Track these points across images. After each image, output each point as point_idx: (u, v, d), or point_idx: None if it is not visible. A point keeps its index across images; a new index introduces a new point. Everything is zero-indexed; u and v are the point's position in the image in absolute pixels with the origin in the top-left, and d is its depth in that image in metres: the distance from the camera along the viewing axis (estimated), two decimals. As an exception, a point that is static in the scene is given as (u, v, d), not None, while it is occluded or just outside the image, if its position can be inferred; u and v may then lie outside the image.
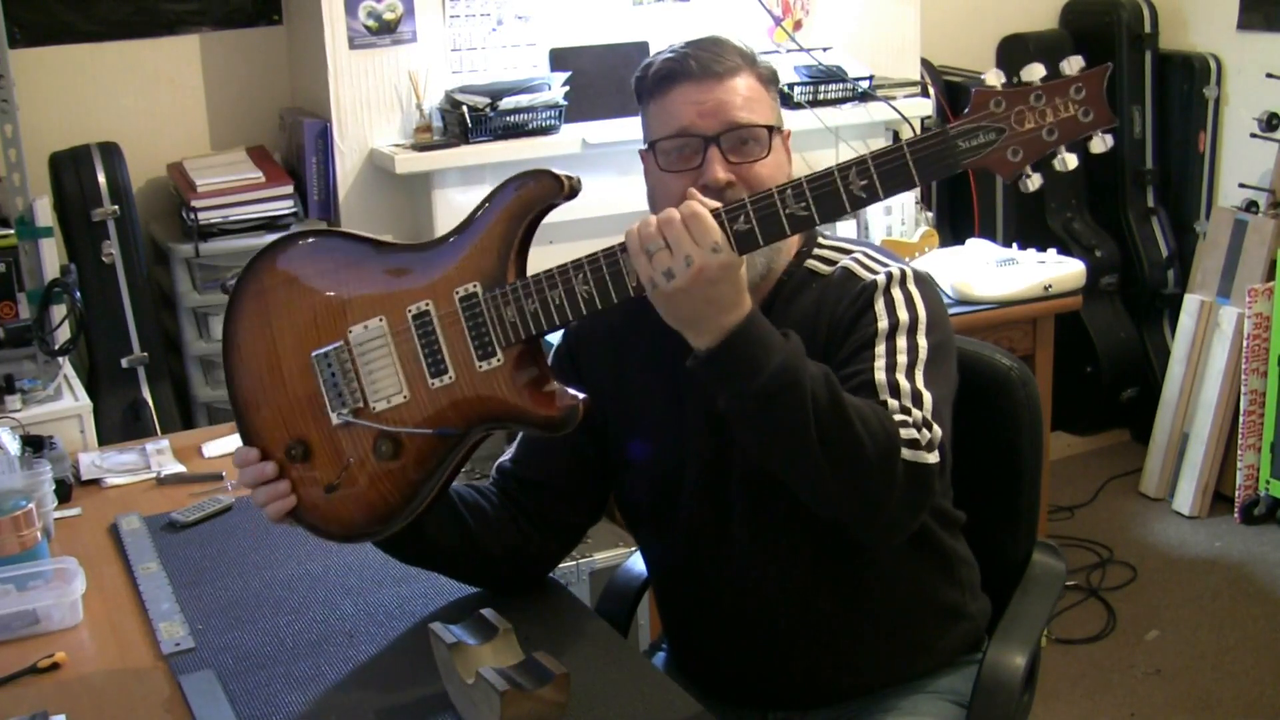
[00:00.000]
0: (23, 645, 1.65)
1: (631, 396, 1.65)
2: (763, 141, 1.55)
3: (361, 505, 1.53)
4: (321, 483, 1.54)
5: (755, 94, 1.57)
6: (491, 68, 3.24)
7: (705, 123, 1.54)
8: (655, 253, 1.34)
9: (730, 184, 1.53)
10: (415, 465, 1.50)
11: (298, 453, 1.54)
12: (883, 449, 1.38)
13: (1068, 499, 3.93)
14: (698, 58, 1.56)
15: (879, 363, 1.49)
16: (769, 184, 1.52)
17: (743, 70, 1.57)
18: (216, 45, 3.30)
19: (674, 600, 1.79)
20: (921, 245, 3.24)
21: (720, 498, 1.62)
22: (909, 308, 1.54)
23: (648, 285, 1.35)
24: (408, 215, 3.26)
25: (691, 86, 1.55)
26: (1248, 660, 3.10)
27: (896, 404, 1.45)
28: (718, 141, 1.54)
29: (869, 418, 1.38)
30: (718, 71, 1.55)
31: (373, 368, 1.51)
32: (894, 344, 1.51)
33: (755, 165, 1.55)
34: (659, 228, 1.34)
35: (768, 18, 3.50)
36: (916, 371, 1.49)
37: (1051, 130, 1.30)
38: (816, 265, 1.62)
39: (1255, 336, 3.62)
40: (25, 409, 2.54)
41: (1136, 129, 4.18)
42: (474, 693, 1.36)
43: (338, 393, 1.52)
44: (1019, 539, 1.84)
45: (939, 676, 1.70)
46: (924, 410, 1.46)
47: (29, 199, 2.73)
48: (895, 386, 1.47)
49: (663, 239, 1.33)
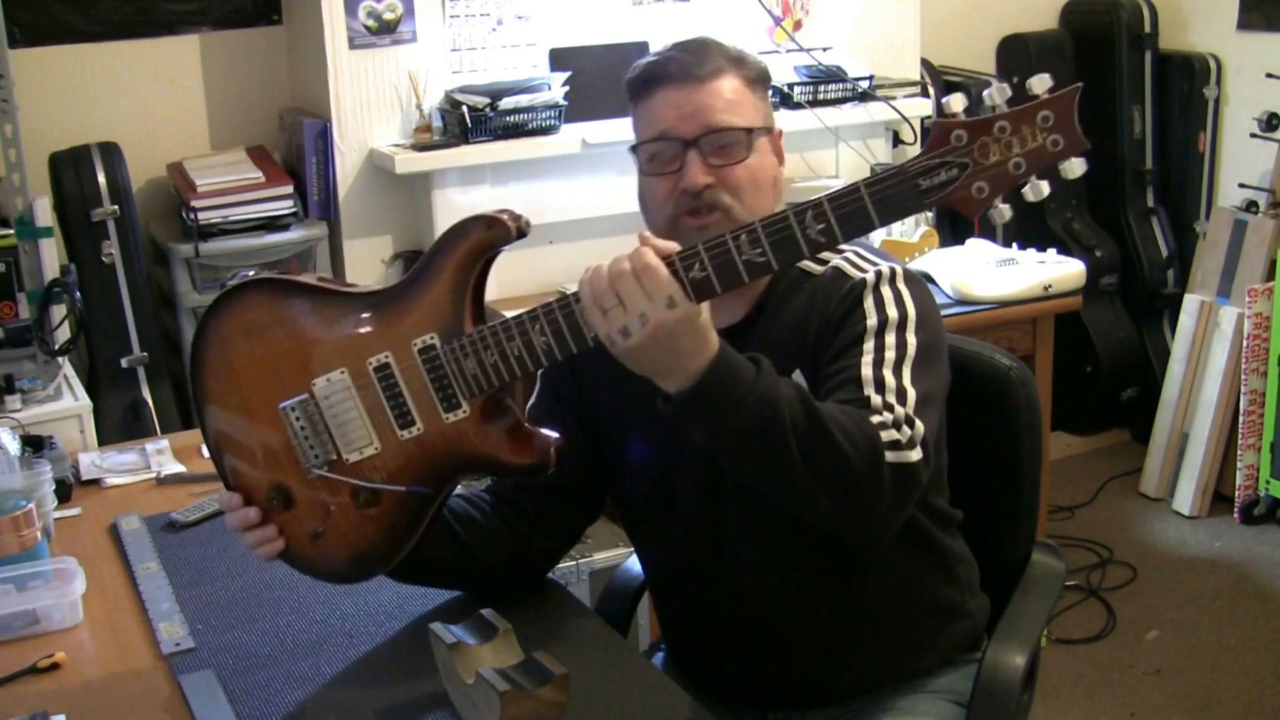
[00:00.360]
0: (23, 645, 1.65)
1: (627, 397, 1.64)
2: (743, 143, 1.55)
3: (349, 550, 1.53)
4: (306, 528, 1.54)
5: (738, 96, 1.56)
6: (491, 68, 3.23)
7: (684, 126, 1.55)
8: (609, 309, 1.29)
9: (709, 186, 1.53)
10: (397, 511, 1.50)
11: (278, 501, 1.54)
12: (866, 457, 1.37)
13: (1068, 499, 3.93)
14: (679, 60, 1.56)
15: (866, 358, 1.48)
16: (750, 186, 1.55)
17: (725, 72, 1.57)
18: (216, 45, 3.30)
19: (672, 601, 1.79)
20: (921, 245, 3.24)
21: (717, 498, 1.62)
22: (898, 305, 1.53)
23: (605, 342, 1.32)
24: (408, 215, 3.26)
25: (672, 90, 1.56)
26: (1248, 660, 3.10)
27: (880, 399, 1.44)
28: (697, 144, 1.54)
29: (849, 428, 1.37)
30: (698, 75, 1.55)
31: (341, 419, 1.49)
32: (882, 340, 1.50)
33: (735, 168, 1.55)
34: (610, 282, 1.29)
35: (768, 18, 3.50)
36: (904, 368, 1.48)
37: (1019, 164, 1.22)
38: (808, 265, 1.61)
39: (1255, 336, 3.62)
40: (25, 409, 2.54)
41: (1136, 129, 4.18)
42: (474, 693, 1.36)
43: (309, 445, 1.51)
44: (1019, 539, 1.83)
45: (938, 675, 1.70)
46: (906, 407, 1.44)
47: (29, 199, 2.73)
48: (880, 381, 1.46)
49: (615, 295, 1.29)
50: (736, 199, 1.55)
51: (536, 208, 3.25)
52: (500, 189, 3.20)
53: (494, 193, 3.19)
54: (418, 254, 3.25)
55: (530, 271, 3.29)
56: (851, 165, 3.54)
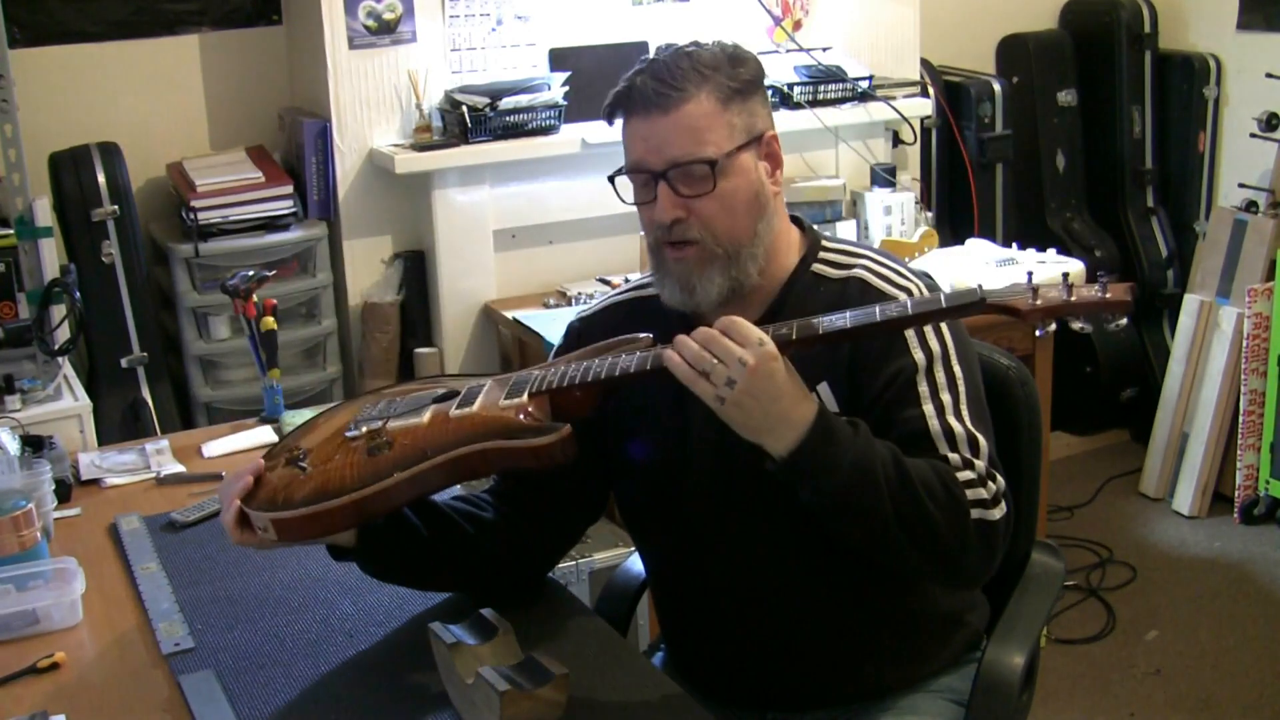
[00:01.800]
0: (22, 645, 1.65)
1: (634, 396, 1.64)
2: (708, 175, 1.53)
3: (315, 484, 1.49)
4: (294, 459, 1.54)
5: (706, 121, 1.52)
6: (491, 68, 3.24)
7: (652, 158, 1.54)
8: (711, 371, 1.37)
9: (678, 221, 1.54)
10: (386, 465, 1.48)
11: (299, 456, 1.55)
12: (953, 517, 1.44)
13: (1067, 499, 3.93)
14: (642, 91, 1.53)
15: (927, 407, 1.52)
16: (724, 214, 1.54)
17: (692, 97, 1.52)
18: (216, 45, 3.31)
19: (673, 601, 1.79)
20: (921, 245, 3.24)
21: (722, 499, 1.61)
22: (937, 334, 1.55)
23: (714, 404, 1.38)
24: (407, 215, 3.26)
25: (639, 120, 1.55)
26: (1247, 660, 3.10)
27: (958, 457, 1.49)
28: (665, 177, 1.53)
29: (936, 488, 1.43)
30: (662, 105, 1.52)
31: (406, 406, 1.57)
32: (934, 381, 1.53)
33: (705, 199, 1.53)
34: (704, 346, 1.38)
35: (768, 18, 3.50)
36: (963, 409, 1.53)
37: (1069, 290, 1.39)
38: (823, 269, 1.62)
39: (1255, 336, 3.62)
40: (25, 409, 2.54)
41: (1136, 129, 4.19)
42: (474, 693, 1.36)
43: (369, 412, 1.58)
44: (1018, 538, 1.82)
45: (938, 675, 1.70)
46: (982, 458, 1.50)
47: (29, 199, 2.73)
48: (950, 434, 1.51)
49: (711, 357, 1.37)
50: (708, 230, 1.54)
51: (536, 208, 3.26)
52: (500, 189, 3.20)
53: (494, 192, 3.20)
54: (418, 254, 3.26)
55: (530, 271, 3.29)
56: (851, 165, 3.55)
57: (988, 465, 1.50)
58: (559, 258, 3.32)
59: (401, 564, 1.61)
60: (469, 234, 3.20)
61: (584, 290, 3.19)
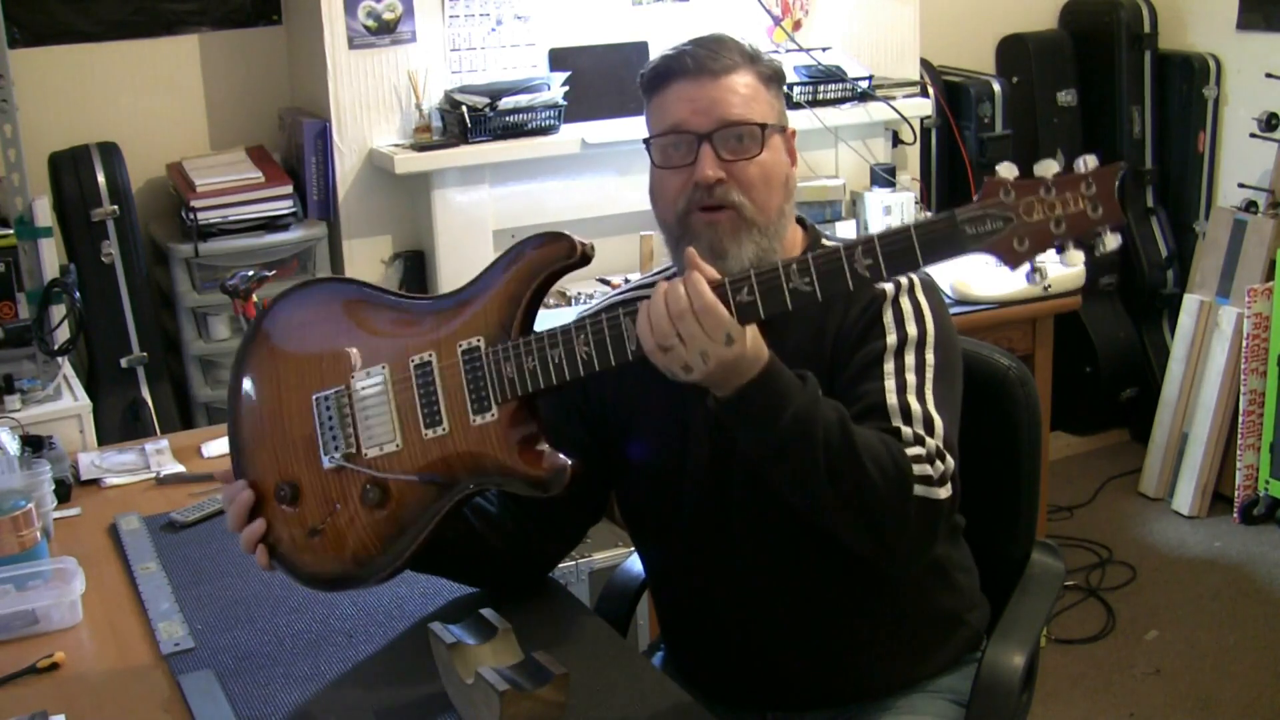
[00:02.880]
0: (22, 645, 1.65)
1: (633, 397, 1.65)
2: (756, 139, 1.55)
3: (341, 552, 1.53)
4: (306, 525, 1.55)
5: (752, 92, 1.56)
6: (491, 68, 3.23)
7: (698, 120, 1.54)
8: (670, 348, 1.34)
9: (720, 181, 1.54)
10: (399, 515, 1.50)
11: (286, 494, 1.55)
12: (895, 489, 1.41)
13: (1067, 499, 3.93)
14: (694, 55, 1.56)
15: (889, 383, 1.51)
16: (762, 183, 1.55)
17: (740, 68, 1.56)
18: (216, 45, 3.30)
19: (673, 601, 1.79)
20: (921, 245, 3.23)
21: (721, 499, 1.62)
22: (918, 321, 1.55)
23: (666, 373, 1.36)
24: (407, 215, 3.26)
25: (687, 84, 1.56)
26: (1248, 660, 3.10)
27: (910, 431, 1.47)
28: (710, 138, 1.54)
29: (882, 457, 1.40)
30: (713, 69, 1.55)
31: (370, 414, 1.52)
32: (903, 361, 1.52)
33: (748, 163, 1.54)
34: (672, 321, 1.33)
35: (767, 18, 3.50)
36: (926, 391, 1.51)
37: (1059, 223, 1.29)
38: None
39: (1254, 336, 3.62)
40: (25, 409, 2.54)
41: (1136, 129, 4.19)
42: (474, 693, 1.36)
43: (332, 436, 1.54)
44: (1017, 538, 1.84)
45: (937, 675, 1.70)
46: (936, 438, 1.47)
47: (28, 199, 2.73)
48: (906, 410, 1.49)
49: (677, 334, 1.33)
50: (747, 196, 1.55)
51: (536, 208, 3.25)
52: (500, 189, 3.20)
53: (494, 192, 3.19)
54: (418, 254, 3.25)
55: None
56: (851, 165, 3.54)
57: (940, 445, 1.47)
58: (559, 258, 3.31)
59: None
60: (469, 234, 3.19)
61: (584, 290, 3.19)
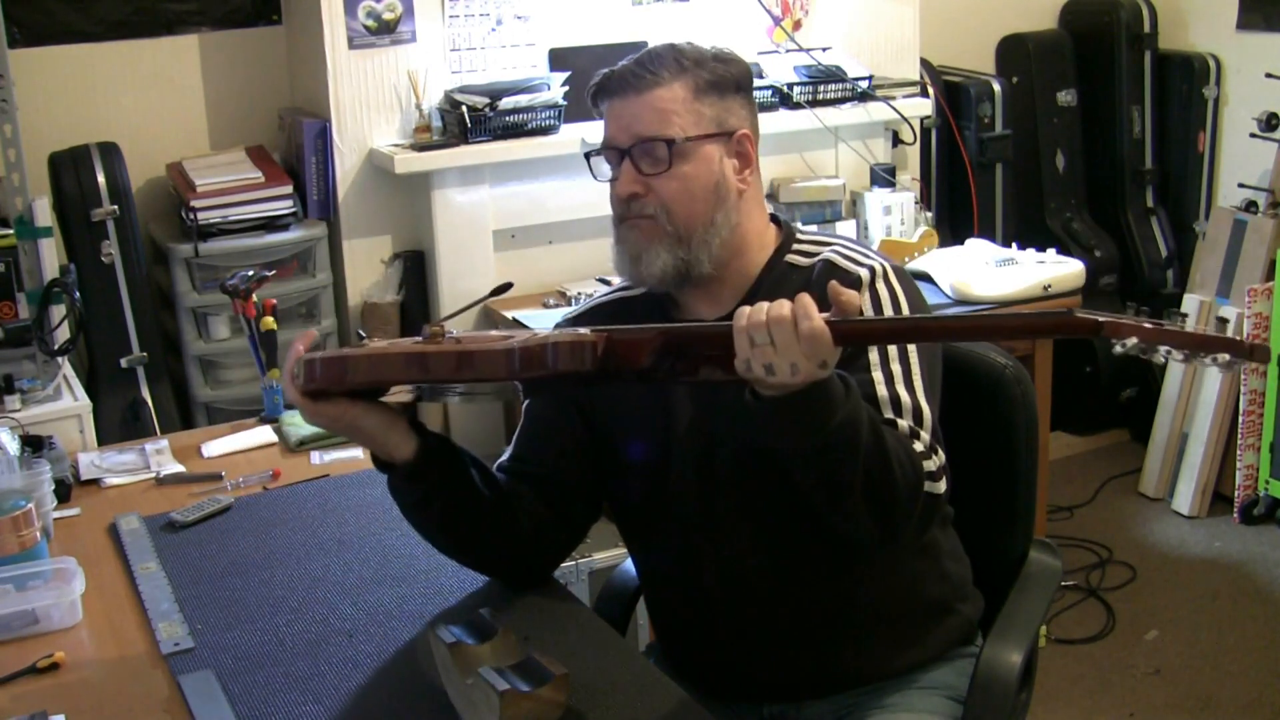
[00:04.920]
0: (22, 645, 1.65)
1: (621, 396, 1.67)
2: (665, 154, 1.59)
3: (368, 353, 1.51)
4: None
5: (675, 105, 1.59)
6: (491, 68, 3.24)
7: (620, 136, 1.61)
8: (759, 344, 1.30)
9: (635, 195, 1.60)
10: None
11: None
12: (911, 488, 1.46)
13: (1067, 499, 3.93)
14: (621, 72, 1.62)
15: (877, 374, 1.54)
16: (682, 196, 1.59)
17: (666, 82, 1.59)
18: (216, 45, 3.31)
19: (665, 599, 1.80)
20: (921, 245, 3.24)
21: (709, 494, 1.64)
22: (894, 307, 1.59)
23: (740, 366, 1.32)
24: (407, 215, 3.26)
25: (614, 101, 1.63)
26: (1247, 660, 3.10)
27: (905, 425, 1.51)
28: (630, 153, 1.60)
29: (903, 458, 1.45)
30: (636, 86, 1.60)
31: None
32: (885, 351, 1.56)
33: (662, 177, 1.59)
34: (769, 324, 1.30)
35: (767, 18, 3.50)
36: (914, 380, 1.55)
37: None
38: (796, 259, 1.66)
39: (1255, 336, 3.62)
40: (25, 409, 2.54)
41: (1136, 129, 4.19)
42: (473, 693, 1.36)
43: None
44: (1016, 537, 1.84)
45: (932, 670, 1.70)
46: (927, 430, 1.53)
47: (28, 199, 2.73)
48: (897, 401, 1.53)
49: (769, 334, 1.30)
50: (664, 208, 1.60)
51: (536, 208, 3.26)
52: (500, 189, 3.20)
53: (494, 192, 3.20)
54: (418, 254, 3.26)
55: (530, 272, 3.29)
56: (851, 165, 3.55)
57: (931, 438, 1.53)
58: (559, 258, 3.32)
59: (442, 494, 1.58)
60: (469, 234, 3.20)
61: (584, 290, 3.19)
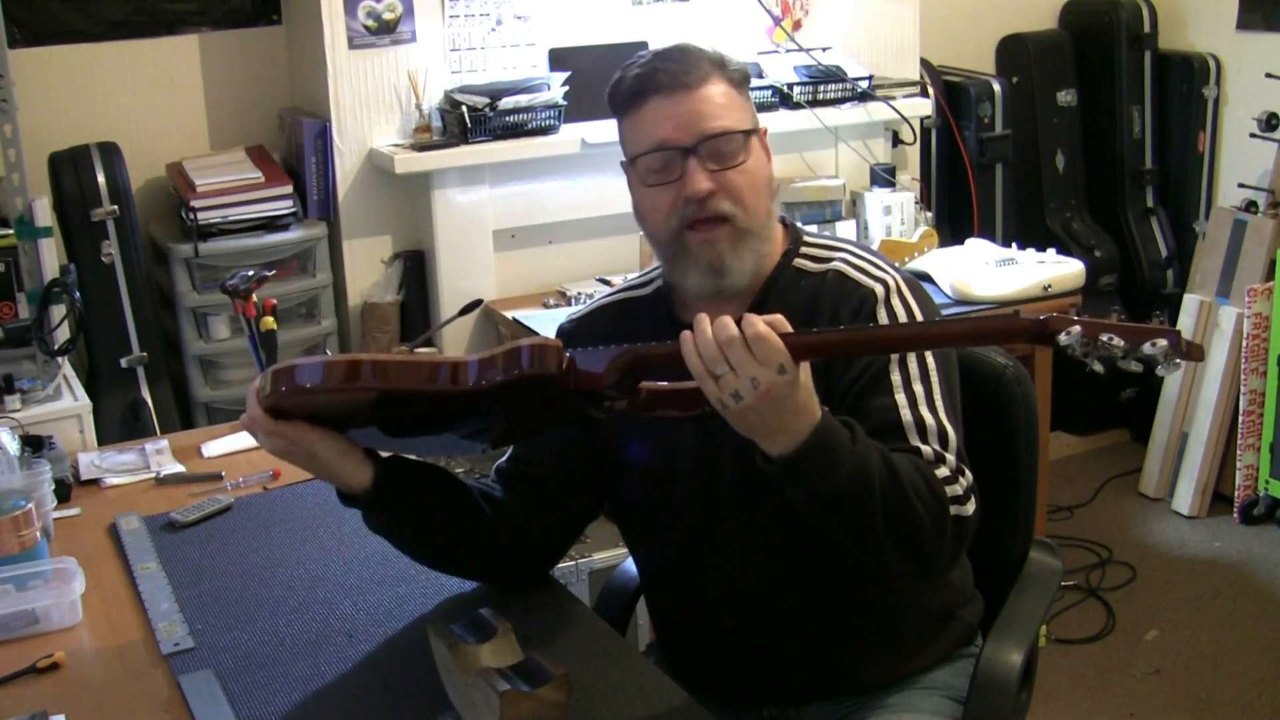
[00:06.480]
0: (22, 645, 1.65)
1: None
2: (740, 146, 1.57)
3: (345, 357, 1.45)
4: None
5: (728, 99, 1.58)
6: (491, 68, 3.24)
7: (680, 135, 1.55)
8: (721, 375, 1.31)
9: (711, 193, 1.55)
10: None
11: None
12: (935, 518, 1.44)
13: (1067, 499, 3.93)
14: (666, 70, 1.56)
15: (900, 396, 1.53)
16: (750, 190, 1.57)
17: (712, 77, 1.58)
18: (216, 45, 3.31)
19: (666, 600, 1.80)
20: (921, 245, 3.24)
21: (711, 497, 1.63)
22: (910, 320, 1.57)
23: (717, 406, 1.34)
24: (407, 215, 3.26)
25: (663, 100, 1.56)
26: (1247, 660, 3.10)
27: (930, 450, 1.50)
28: (695, 152, 1.55)
29: (921, 489, 1.43)
30: (687, 82, 1.56)
31: None
32: (907, 370, 1.54)
33: (733, 172, 1.56)
34: (720, 349, 1.31)
35: (767, 18, 3.50)
36: (936, 400, 1.54)
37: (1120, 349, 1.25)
38: (804, 264, 1.64)
39: (1254, 336, 3.62)
40: (24, 409, 2.54)
41: (1136, 129, 4.19)
42: (473, 693, 1.36)
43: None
44: (1016, 537, 1.84)
45: (933, 671, 1.71)
46: (952, 452, 1.51)
47: (28, 199, 2.73)
48: (921, 425, 1.51)
49: (726, 361, 1.31)
50: (739, 205, 1.56)
51: (536, 208, 3.26)
52: (500, 189, 3.20)
53: (493, 192, 3.20)
54: (418, 254, 3.25)
55: (530, 272, 3.29)
56: (851, 165, 3.55)
57: (957, 460, 1.51)
58: (559, 258, 3.32)
59: (410, 516, 1.58)
60: (469, 234, 3.20)
61: (584, 290, 3.19)
